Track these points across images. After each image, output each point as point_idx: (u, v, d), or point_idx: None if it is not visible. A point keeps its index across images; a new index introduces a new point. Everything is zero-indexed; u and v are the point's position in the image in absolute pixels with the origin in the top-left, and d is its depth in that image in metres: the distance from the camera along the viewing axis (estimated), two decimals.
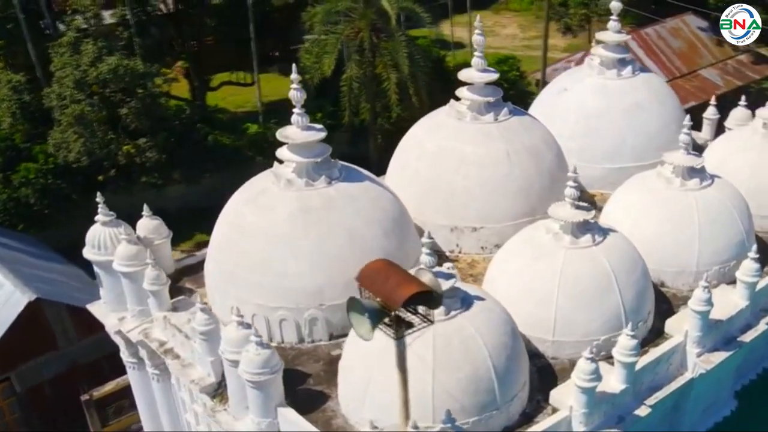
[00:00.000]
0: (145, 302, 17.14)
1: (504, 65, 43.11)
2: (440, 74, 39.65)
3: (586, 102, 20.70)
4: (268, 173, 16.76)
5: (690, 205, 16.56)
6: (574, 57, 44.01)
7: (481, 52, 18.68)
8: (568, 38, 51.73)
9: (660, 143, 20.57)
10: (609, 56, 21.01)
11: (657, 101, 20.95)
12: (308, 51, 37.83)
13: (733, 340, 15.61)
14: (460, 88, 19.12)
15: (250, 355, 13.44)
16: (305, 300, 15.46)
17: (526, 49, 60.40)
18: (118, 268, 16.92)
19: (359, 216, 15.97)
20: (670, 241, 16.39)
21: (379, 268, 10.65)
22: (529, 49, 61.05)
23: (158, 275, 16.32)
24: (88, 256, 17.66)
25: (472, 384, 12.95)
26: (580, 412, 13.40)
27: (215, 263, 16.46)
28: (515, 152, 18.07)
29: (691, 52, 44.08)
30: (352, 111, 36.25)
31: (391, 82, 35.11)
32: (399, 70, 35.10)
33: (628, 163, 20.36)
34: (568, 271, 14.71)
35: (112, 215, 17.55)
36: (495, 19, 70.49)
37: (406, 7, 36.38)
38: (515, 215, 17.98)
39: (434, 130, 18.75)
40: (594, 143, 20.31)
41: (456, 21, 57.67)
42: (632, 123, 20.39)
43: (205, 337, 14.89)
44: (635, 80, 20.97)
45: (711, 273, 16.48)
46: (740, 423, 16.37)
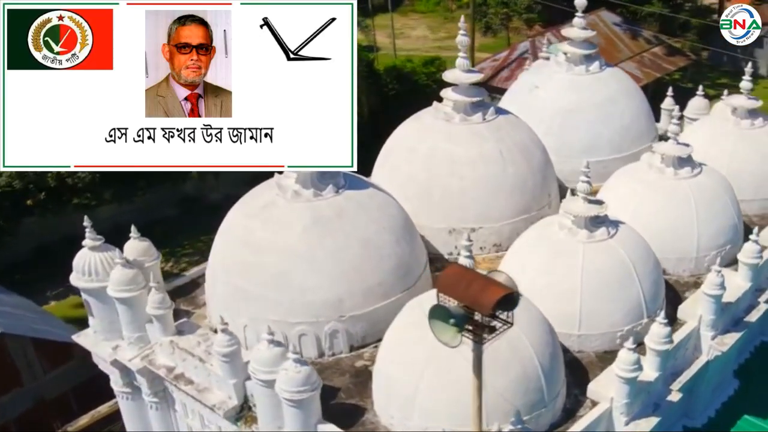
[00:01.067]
0: (143, 328, 16.40)
1: (431, 66, 43.39)
2: (372, 78, 39.66)
3: (559, 98, 21.02)
4: (270, 185, 16.29)
5: (686, 193, 17.03)
6: (499, 56, 44.74)
7: (465, 53, 18.78)
8: (489, 37, 52.55)
9: (633, 135, 21.24)
10: (576, 52, 21.41)
11: (626, 95, 21.50)
12: None
13: (740, 321, 16.15)
14: (445, 89, 19.16)
15: (290, 374, 13.02)
16: (325, 313, 15.10)
17: (439, 50, 60.89)
18: (114, 294, 16.12)
19: (371, 224, 15.74)
20: (670, 229, 16.80)
21: (457, 273, 10.46)
22: (442, 49, 61.61)
23: (163, 298, 15.63)
24: (77, 283, 16.74)
25: (522, 384, 12.93)
26: (621, 402, 13.57)
27: (222, 283, 15.86)
28: (507, 151, 18.19)
29: (609, 47, 45.40)
30: None
31: None
32: None
33: (605, 156, 20.81)
34: (588, 265, 14.88)
35: (101, 239, 16.73)
36: (403, 21, 70.87)
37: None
38: (512, 214, 18.11)
39: (423, 132, 18.66)
40: (571, 138, 20.63)
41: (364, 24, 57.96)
42: (606, 117, 20.84)
43: (228, 358, 14.34)
44: (603, 75, 21.45)
45: (709, 257, 17.05)
46: (744, 402, 16.89)
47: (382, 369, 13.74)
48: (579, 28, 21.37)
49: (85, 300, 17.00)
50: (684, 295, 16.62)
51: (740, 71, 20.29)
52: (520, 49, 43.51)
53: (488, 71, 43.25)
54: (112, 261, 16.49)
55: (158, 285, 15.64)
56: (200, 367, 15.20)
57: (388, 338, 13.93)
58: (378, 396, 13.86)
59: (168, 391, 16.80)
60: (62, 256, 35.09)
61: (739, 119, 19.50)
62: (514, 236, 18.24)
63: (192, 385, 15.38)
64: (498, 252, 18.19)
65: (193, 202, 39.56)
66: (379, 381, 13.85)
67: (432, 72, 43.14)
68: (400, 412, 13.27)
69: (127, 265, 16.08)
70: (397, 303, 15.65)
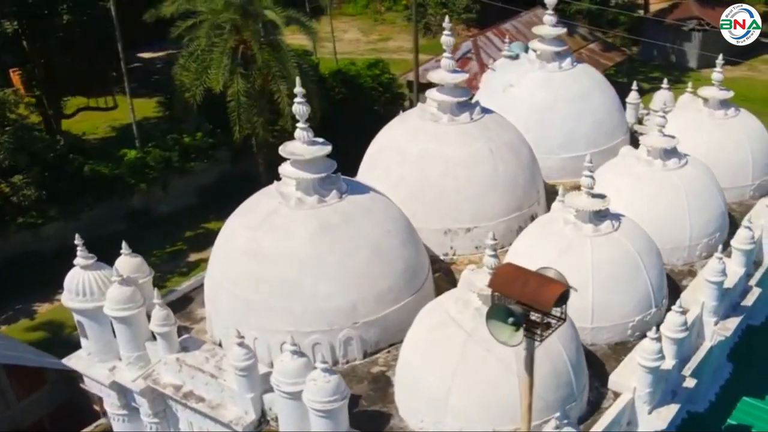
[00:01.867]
0: (142, 347, 15.91)
1: (375, 69, 43.44)
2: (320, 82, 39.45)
3: (535, 96, 21.25)
4: (269, 193, 15.97)
5: (676, 183, 17.44)
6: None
7: (450, 53, 18.79)
8: (428, 38, 52.80)
9: (607, 129, 21.65)
10: (548, 49, 21.70)
11: (599, 90, 21.90)
12: (185, 67, 36.28)
13: (738, 306, 16.62)
14: (429, 89, 19.16)
15: (319, 384, 12.76)
16: (339, 320, 14.91)
17: (374, 52, 61.06)
18: (112, 314, 15.56)
19: (377, 228, 15.62)
20: (664, 220, 17.15)
21: (511, 272, 10.43)
22: (377, 51, 61.83)
23: (167, 315, 15.15)
24: (69, 304, 16.08)
25: (553, 379, 12.99)
26: (645, 392, 13.78)
27: (228, 295, 15.47)
28: (497, 149, 18.29)
29: None
30: (242, 127, 35.13)
31: (282, 94, 34.35)
32: (289, 82, 34.44)
33: (582, 151, 20.97)
34: (597, 258, 15.08)
35: (93, 257, 16.10)
36: (333, 25, 70.74)
37: (291, 16, 35.75)
38: (505, 211, 18.21)
39: (412, 134, 18.59)
40: (548, 135, 20.86)
41: (291, 30, 57.57)
42: (580, 112, 21.17)
43: (245, 372, 14.00)
44: (575, 72, 21.80)
45: (701, 246, 17.52)
46: (740, 384, 17.36)
47: (408, 373, 13.61)
48: (550, 26, 21.65)
49: (78, 321, 16.37)
50: (681, 284, 16.99)
51: (671, 65, 20.88)
52: (463, 49, 43.89)
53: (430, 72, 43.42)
54: (107, 279, 15.92)
55: (161, 302, 15.14)
56: (212, 383, 14.79)
57: (412, 342, 13.82)
58: (404, 400, 13.73)
59: (169, 411, 16.30)
60: (10, 278, 34.04)
61: (712, 110, 20.06)
62: (508, 234, 18.40)
63: (203, 402, 14.94)
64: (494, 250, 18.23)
65: (141, 215, 38.67)
66: (405, 385, 13.72)
67: (376, 74, 43.26)
68: (431, 415, 13.17)
69: (124, 282, 15.53)
70: (407, 307, 15.61)
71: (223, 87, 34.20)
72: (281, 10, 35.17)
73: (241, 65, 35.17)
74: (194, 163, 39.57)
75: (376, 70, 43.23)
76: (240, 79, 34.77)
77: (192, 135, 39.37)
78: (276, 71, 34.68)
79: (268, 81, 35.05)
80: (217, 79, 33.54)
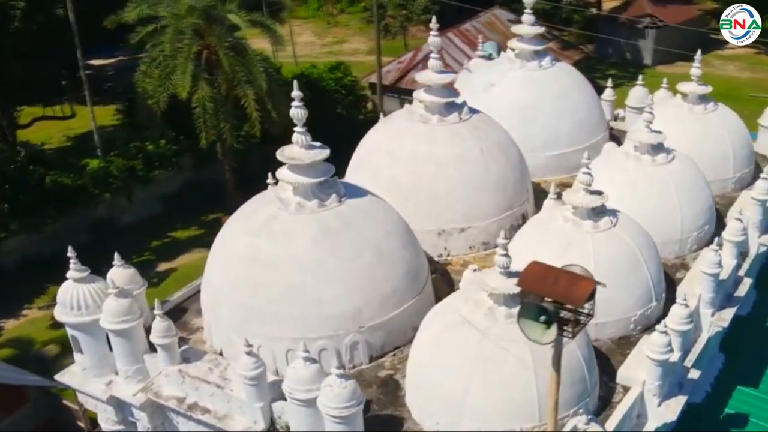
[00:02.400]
0: (140, 360, 15.58)
1: (337, 71, 43.17)
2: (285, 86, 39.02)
3: (517, 95, 21.42)
4: (266, 199, 15.75)
5: (665, 178, 17.69)
6: (404, 57, 45.03)
7: (437, 53, 18.76)
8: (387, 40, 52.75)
9: (588, 127, 21.92)
10: (527, 48, 21.89)
11: (578, 88, 22.15)
12: (147, 74, 35.62)
13: (731, 297, 16.90)
14: (417, 90, 19.11)
15: (336, 389, 12.63)
16: (345, 325, 14.78)
17: (330, 55, 60.86)
18: (110, 327, 15.21)
19: (378, 230, 15.54)
20: (656, 215, 17.36)
21: (540, 270, 10.44)
22: (333, 54, 61.65)
23: (168, 326, 14.86)
24: (63, 318, 15.67)
25: (569, 376, 13.00)
26: (654, 384, 13.93)
27: (229, 304, 15.21)
28: (488, 149, 18.35)
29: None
30: (209, 133, 34.61)
31: (249, 99, 33.97)
32: (255, 87, 34.09)
33: (565, 149, 21.41)
34: (599, 254, 15.19)
35: (86, 270, 15.73)
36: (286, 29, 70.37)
37: (255, 20, 35.35)
38: (498, 210, 18.29)
39: (402, 135, 18.53)
40: (532, 133, 21.01)
41: (251, 33, 57.08)
42: (562, 111, 21.39)
43: (255, 381, 13.78)
44: (555, 70, 22.02)
45: (692, 239, 17.80)
46: (733, 374, 17.66)
47: (421, 376, 13.53)
48: (528, 25, 21.83)
49: (72, 336, 15.96)
50: (675, 277, 17.22)
51: (627, 62, 21.05)
52: (425, 50, 43.83)
53: (394, 74, 43.55)
54: (102, 292, 15.57)
55: (162, 313, 14.83)
56: (218, 394, 14.53)
57: (423, 345, 13.75)
58: (418, 403, 13.65)
59: (168, 424, 15.97)
60: None
61: (692, 105, 20.40)
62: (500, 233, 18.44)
63: (209, 413, 14.67)
64: (487, 250, 18.32)
65: (105, 226, 37.86)
66: (418, 388, 13.63)
67: (339, 77, 42.97)
68: (447, 416, 13.11)
69: (120, 294, 15.19)
70: (410, 309, 15.57)
71: (188, 93, 33.65)
72: (245, 14, 34.77)
73: (205, 70, 34.68)
74: (158, 172, 38.83)
75: (338, 73, 42.98)
76: (205, 85, 34.26)
77: (155, 143, 38.65)
78: (242, 76, 34.26)
79: (234, 86, 34.63)
80: (183, 85, 32.96)
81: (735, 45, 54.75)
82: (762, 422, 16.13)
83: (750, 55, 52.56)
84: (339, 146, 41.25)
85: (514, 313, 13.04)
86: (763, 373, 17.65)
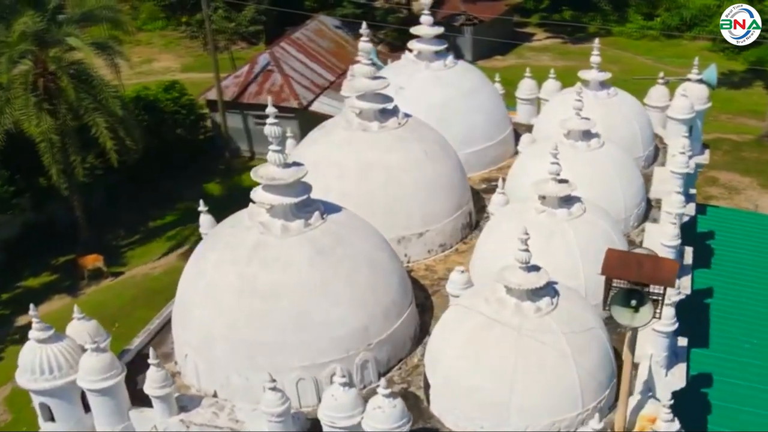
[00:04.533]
0: (126, 417, 14.19)
1: (173, 91, 41.44)
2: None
3: (429, 95, 21.51)
4: (244, 224, 14.81)
5: (603, 161, 18.52)
6: (241, 71, 43.82)
7: (367, 59, 18.57)
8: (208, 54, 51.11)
9: (497, 121, 22.55)
10: (428, 49, 22.12)
11: (483, 84, 22.69)
12: None
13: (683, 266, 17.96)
14: (350, 98, 18.77)
15: (387, 411, 12.14)
16: (354, 344, 14.24)
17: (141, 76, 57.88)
18: (91, 386, 13.74)
19: (367, 244, 15.15)
20: (602, 197, 18.00)
21: (620, 256, 10.64)
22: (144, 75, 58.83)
23: (165, 375, 13.62)
24: (33, 386, 13.92)
25: (601, 359, 13.34)
26: (662, 356, 14.57)
27: (226, 342, 14.12)
28: (431, 150, 18.39)
29: (339, 49, 46.82)
30: (58, 168, 31.94)
31: (101, 128, 31.73)
32: (107, 114, 31.94)
33: (481, 144, 21.87)
34: (580, 240, 15.65)
35: (51, 328, 14.03)
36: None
37: (99, 42, 33.03)
38: (450, 211, 18.40)
39: (345, 145, 18.09)
40: (450, 132, 21.03)
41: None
42: (474, 108, 21.80)
43: (282, 418, 12.94)
44: (459, 69, 22.42)
45: (633, 216, 18.81)
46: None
47: (457, 384, 13.25)
48: (428, 26, 22.05)
49: (42, 404, 14.21)
50: None
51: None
52: (261, 62, 43.11)
53: (234, 88, 42.38)
54: (72, 350, 14.01)
55: (157, 361, 13.56)
56: None
57: (452, 353, 13.49)
58: (455, 411, 13.35)
59: None
60: None
61: (595, 92, 21.49)
62: (455, 233, 18.62)
63: None
64: (444, 251, 18.39)
65: None
66: (454, 397, 13.35)
67: (176, 97, 41.26)
68: (492, 419, 12.95)
69: (99, 349, 13.73)
70: (408, 319, 15.33)
71: (31, 126, 30.95)
72: (86, 36, 32.49)
73: (45, 100, 32.08)
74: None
75: (174, 93, 41.20)
76: (48, 116, 31.69)
77: None
78: (88, 103, 31.99)
79: (81, 115, 32.27)
80: (29, 118, 30.27)
81: (543, 37, 58.74)
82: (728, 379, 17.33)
83: (557, 46, 56.30)
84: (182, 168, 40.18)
85: (541, 306, 13.23)
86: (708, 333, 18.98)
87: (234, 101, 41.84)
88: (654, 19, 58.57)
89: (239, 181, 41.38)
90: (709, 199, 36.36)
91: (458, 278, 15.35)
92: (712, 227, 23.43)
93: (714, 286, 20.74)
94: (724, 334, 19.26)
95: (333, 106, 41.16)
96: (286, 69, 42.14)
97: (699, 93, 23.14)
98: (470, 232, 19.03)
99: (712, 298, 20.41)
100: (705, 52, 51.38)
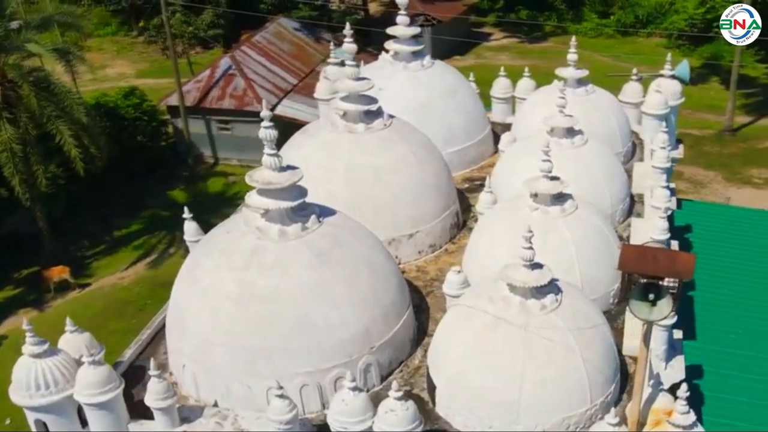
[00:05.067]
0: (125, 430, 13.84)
1: (133, 97, 40.69)
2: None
3: (409, 96, 21.45)
4: (239, 230, 14.56)
5: (587, 157, 18.65)
6: (202, 75, 43.20)
7: (352, 60, 18.44)
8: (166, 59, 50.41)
9: (476, 120, 22.59)
10: (405, 49, 22.08)
11: (461, 83, 22.72)
12: None
13: None
14: (334, 100, 18.63)
15: (399, 414, 12.08)
16: (357, 348, 14.09)
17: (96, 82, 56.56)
18: (89, 400, 13.39)
19: (364, 245, 15.03)
20: (588, 192, 18.12)
21: (637, 251, 10.68)
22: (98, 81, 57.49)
23: (167, 386, 13.33)
24: (30, 403, 13.52)
25: (607, 354, 13.42)
26: (662, 349, 14.69)
27: (225, 350, 13.86)
28: (418, 151, 18.35)
29: (301, 52, 46.49)
30: (21, 178, 31.11)
31: (65, 137, 30.99)
32: (70, 122, 31.22)
33: (462, 144, 21.89)
34: (575, 236, 15.73)
35: (45, 342, 13.63)
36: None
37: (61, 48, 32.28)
38: (439, 211, 18.36)
39: (331, 147, 17.94)
40: (431, 132, 20.95)
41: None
42: (453, 107, 21.82)
43: (290, 425, 12.74)
44: (437, 69, 22.41)
45: (618, 212, 18.97)
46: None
47: (465, 384, 13.20)
48: (404, 26, 21.99)
49: (37, 421, 13.78)
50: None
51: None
52: (223, 66, 42.55)
53: (195, 93, 41.79)
54: (68, 364, 13.64)
55: (158, 372, 13.26)
56: None
57: (458, 353, 13.44)
58: (465, 411, 13.28)
59: None
60: None
61: (572, 89, 21.63)
62: (444, 234, 18.57)
63: None
64: (434, 252, 18.35)
65: None
66: (462, 398, 13.28)
67: (137, 103, 40.55)
68: (501, 418, 12.93)
69: (97, 362, 13.38)
70: (407, 321, 15.23)
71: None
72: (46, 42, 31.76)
73: (5, 109, 31.25)
74: None
75: (134, 99, 40.43)
76: (8, 125, 30.88)
77: None
78: (50, 111, 31.25)
79: (43, 123, 31.51)
80: None
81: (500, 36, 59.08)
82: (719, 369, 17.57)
83: (515, 45, 56.72)
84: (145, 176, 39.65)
85: (546, 303, 13.24)
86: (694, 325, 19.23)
87: (196, 106, 41.25)
88: (609, 17, 59.37)
89: (204, 188, 40.87)
90: (677, 194, 36.85)
91: (455, 279, 15.31)
92: (688, 221, 23.78)
93: (695, 278, 21.00)
94: (709, 326, 19.54)
95: (297, 110, 40.93)
96: (248, 73, 41.70)
97: (672, 89, 23.45)
98: (458, 232, 19.02)
99: (694, 290, 20.69)
100: (661, 48, 52.21)
